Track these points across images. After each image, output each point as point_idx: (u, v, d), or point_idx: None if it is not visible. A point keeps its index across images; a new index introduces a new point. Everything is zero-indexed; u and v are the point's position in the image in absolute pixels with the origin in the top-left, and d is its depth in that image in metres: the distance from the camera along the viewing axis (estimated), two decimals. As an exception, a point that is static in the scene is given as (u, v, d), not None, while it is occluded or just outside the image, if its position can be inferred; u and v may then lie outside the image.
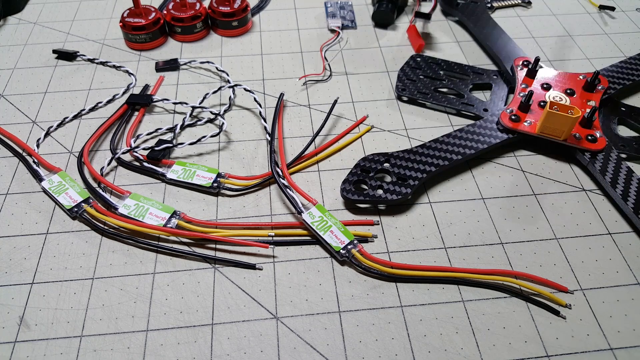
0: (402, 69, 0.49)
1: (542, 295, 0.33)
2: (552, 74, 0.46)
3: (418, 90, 0.47)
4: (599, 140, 0.40)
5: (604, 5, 0.59)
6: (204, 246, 0.36)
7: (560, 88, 0.45)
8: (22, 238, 0.37)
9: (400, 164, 0.39)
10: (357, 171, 0.39)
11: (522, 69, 0.46)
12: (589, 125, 0.41)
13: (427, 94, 0.46)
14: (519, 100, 0.43)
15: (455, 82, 0.48)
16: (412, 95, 0.46)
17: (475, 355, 0.31)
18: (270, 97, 0.48)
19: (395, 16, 0.57)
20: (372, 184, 0.38)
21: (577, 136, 0.41)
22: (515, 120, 0.42)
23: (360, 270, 0.35)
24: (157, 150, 0.41)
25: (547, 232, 0.37)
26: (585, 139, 0.41)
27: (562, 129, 0.40)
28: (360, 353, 0.31)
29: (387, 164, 0.39)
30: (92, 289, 0.34)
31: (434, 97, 0.46)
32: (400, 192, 0.37)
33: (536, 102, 0.43)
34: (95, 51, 0.53)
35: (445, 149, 0.40)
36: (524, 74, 0.46)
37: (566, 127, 0.39)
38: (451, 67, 0.49)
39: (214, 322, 0.32)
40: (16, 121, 0.45)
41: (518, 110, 0.42)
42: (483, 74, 0.48)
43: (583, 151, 0.40)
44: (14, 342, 0.31)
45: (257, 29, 0.56)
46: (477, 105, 0.45)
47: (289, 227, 0.37)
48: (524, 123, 0.42)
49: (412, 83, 0.47)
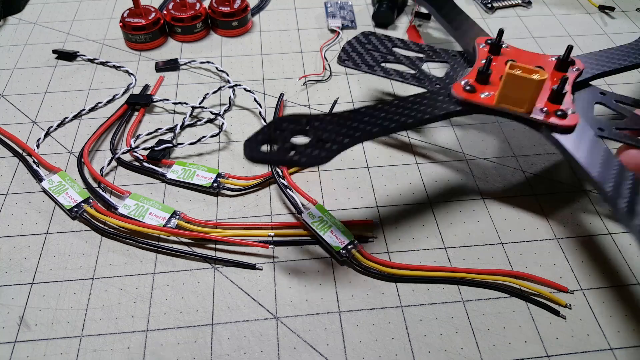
0: (349, 42, 0.43)
1: (542, 295, 0.33)
2: (518, 53, 0.39)
3: (364, 62, 0.41)
4: (570, 117, 0.33)
5: (604, 5, 0.59)
6: (204, 246, 0.36)
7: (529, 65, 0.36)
8: (22, 238, 0.37)
9: (324, 126, 0.32)
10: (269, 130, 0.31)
11: (485, 47, 0.40)
12: (558, 99, 0.34)
13: (374, 65, 0.41)
14: (476, 71, 0.36)
15: (409, 58, 0.42)
16: (355, 66, 0.41)
17: (475, 355, 0.31)
18: (270, 97, 0.48)
19: (395, 16, 0.57)
20: (285, 145, 0.31)
21: (544, 109, 0.34)
22: (470, 91, 0.35)
23: (360, 270, 0.35)
24: (157, 150, 0.41)
25: (547, 232, 0.37)
26: (553, 114, 0.34)
27: (524, 96, 0.33)
28: (360, 353, 0.31)
29: (308, 126, 0.32)
30: (92, 289, 0.34)
31: (381, 69, 0.41)
32: (316, 156, 0.30)
33: (497, 76, 0.36)
34: (95, 51, 0.53)
35: (382, 116, 0.34)
36: (487, 50, 0.39)
37: (529, 94, 0.33)
38: (407, 45, 0.43)
39: (214, 322, 0.32)
40: (16, 121, 0.45)
41: (475, 81, 0.36)
42: (442, 53, 0.42)
43: (550, 127, 0.34)
44: (13, 342, 0.31)
45: (257, 29, 0.56)
46: (430, 80, 0.39)
47: (289, 227, 0.37)
48: (480, 94, 0.35)
49: (358, 55, 0.42)
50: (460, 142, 0.43)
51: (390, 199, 0.39)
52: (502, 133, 0.44)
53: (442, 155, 0.43)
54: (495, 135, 0.44)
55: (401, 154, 0.42)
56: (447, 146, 0.43)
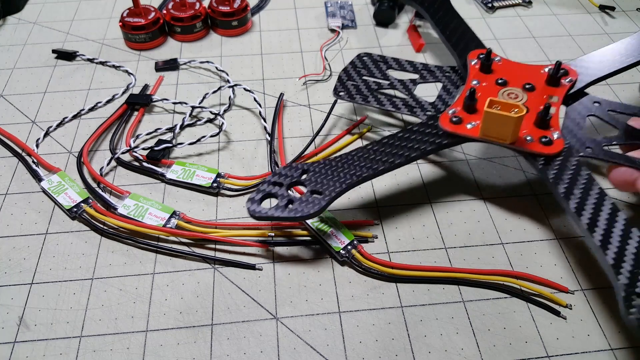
0: (345, 70, 0.43)
1: (542, 296, 0.33)
2: (510, 68, 0.39)
3: (358, 92, 0.41)
4: (555, 143, 0.34)
5: (604, 5, 0.59)
6: (204, 246, 0.36)
7: (518, 83, 0.38)
8: (21, 238, 0.37)
9: (318, 176, 0.34)
10: (266, 187, 0.33)
11: (477, 64, 0.40)
12: (544, 125, 0.35)
13: (367, 96, 0.41)
14: (462, 99, 0.37)
15: (403, 82, 0.42)
16: (350, 98, 0.41)
17: (476, 355, 0.31)
18: (270, 97, 0.48)
19: (396, 15, 0.56)
20: (280, 203, 0.32)
21: (529, 138, 0.34)
22: (456, 122, 0.35)
23: (360, 270, 0.35)
24: (156, 150, 0.41)
25: (548, 232, 0.37)
26: (538, 141, 0.34)
27: (506, 131, 0.33)
28: (360, 353, 0.31)
29: (304, 176, 0.34)
30: (92, 289, 0.34)
31: (375, 99, 0.41)
32: (309, 210, 0.32)
33: (484, 101, 0.35)
34: (95, 51, 0.53)
35: (372, 158, 0.35)
36: (478, 68, 0.39)
37: (509, 129, 0.33)
38: (402, 65, 0.43)
39: (213, 323, 0.32)
40: (15, 121, 0.45)
41: (462, 110, 0.36)
42: (435, 71, 0.43)
43: (535, 156, 0.34)
44: (13, 343, 0.31)
45: (257, 29, 0.56)
46: (423, 106, 0.40)
47: (289, 227, 0.37)
48: (467, 125, 0.35)
49: (353, 85, 0.42)
50: (461, 142, 0.43)
51: (390, 199, 0.39)
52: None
53: (442, 155, 0.42)
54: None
55: (401, 154, 0.42)
56: (447, 146, 0.43)
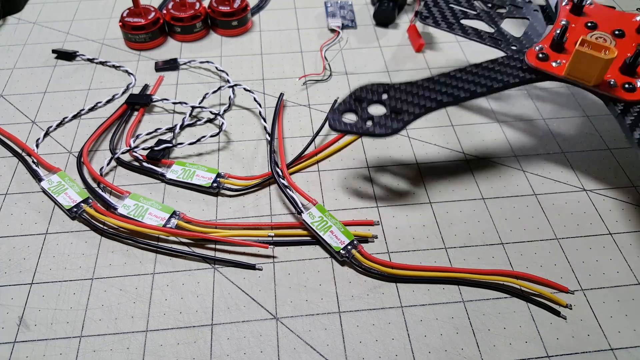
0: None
1: (542, 296, 0.33)
2: (601, 12, 0.39)
3: (444, 19, 0.42)
4: (638, 90, 0.34)
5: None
6: (204, 246, 0.36)
7: (608, 28, 0.38)
8: (21, 238, 0.37)
9: (399, 97, 0.35)
10: (350, 100, 0.35)
11: (568, 5, 0.40)
12: (631, 71, 0.35)
13: (453, 23, 0.41)
14: (552, 36, 0.37)
15: (489, 13, 0.42)
16: (435, 24, 0.41)
17: (476, 355, 0.31)
18: (270, 97, 0.48)
19: (396, 15, 0.56)
20: (363, 116, 0.34)
21: (612, 83, 0.35)
22: (542, 59, 0.36)
23: (360, 270, 0.35)
24: (156, 150, 0.41)
25: (548, 232, 0.37)
26: (621, 87, 0.34)
27: (592, 71, 0.34)
28: (360, 353, 0.31)
29: (385, 95, 0.35)
30: (92, 289, 0.34)
31: (460, 27, 0.41)
32: (390, 127, 0.34)
33: (572, 41, 0.37)
34: (95, 51, 0.53)
35: (453, 85, 0.35)
36: (568, 9, 0.40)
37: (596, 71, 0.34)
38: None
39: (213, 323, 0.32)
40: (15, 121, 0.45)
41: (549, 48, 0.37)
42: (522, 8, 0.42)
43: (615, 101, 0.34)
44: (13, 343, 0.31)
45: (257, 29, 0.56)
46: (507, 40, 0.40)
47: (288, 227, 0.37)
48: (552, 63, 0.36)
49: (439, 11, 0.42)
50: (461, 142, 0.43)
51: (390, 199, 0.39)
52: (503, 133, 0.44)
53: (442, 155, 0.42)
54: (496, 135, 0.44)
55: (401, 154, 0.42)
56: (448, 146, 0.43)
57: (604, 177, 0.41)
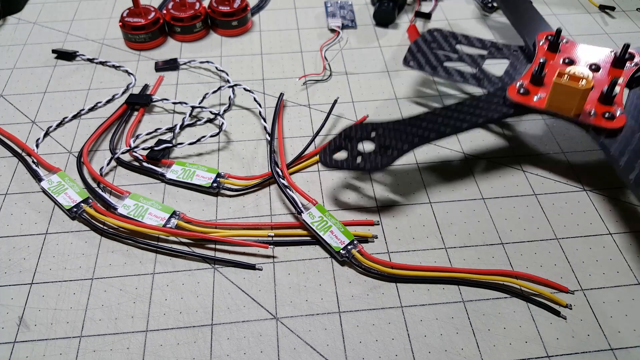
0: (416, 42, 0.45)
1: (542, 296, 0.33)
2: (577, 49, 0.41)
3: (427, 63, 0.43)
4: (618, 118, 0.35)
5: (604, 5, 0.59)
6: (204, 246, 0.36)
7: (585, 63, 0.40)
8: (21, 238, 0.37)
9: (387, 134, 0.36)
10: (339, 139, 0.37)
11: (545, 43, 0.42)
12: (608, 101, 0.36)
13: (436, 67, 0.43)
14: (531, 72, 0.39)
15: (471, 56, 0.44)
16: (419, 67, 0.43)
17: (476, 355, 0.31)
18: (270, 97, 0.48)
19: (396, 15, 0.56)
20: (353, 153, 0.36)
21: (593, 112, 0.36)
22: (524, 93, 0.38)
23: (360, 270, 0.35)
24: (156, 150, 0.41)
25: (548, 232, 0.37)
26: (601, 115, 0.36)
27: (571, 103, 0.35)
28: (360, 353, 0.31)
29: (373, 133, 0.37)
30: (92, 290, 0.34)
31: (444, 69, 0.42)
32: (378, 162, 0.35)
33: (551, 76, 0.38)
34: (95, 51, 0.53)
35: (439, 122, 0.37)
36: (546, 47, 0.42)
37: (575, 101, 0.35)
38: (471, 42, 0.45)
39: (213, 323, 0.32)
40: (15, 121, 0.45)
41: (530, 83, 0.38)
42: (502, 49, 0.44)
43: (597, 130, 0.35)
44: (13, 343, 0.31)
45: (257, 29, 0.56)
46: (490, 79, 0.41)
47: (288, 227, 0.37)
48: (533, 97, 0.37)
49: (423, 55, 0.44)
50: (461, 142, 0.43)
51: (390, 199, 0.39)
52: (503, 133, 0.44)
53: (442, 155, 0.42)
54: (496, 135, 0.44)
55: (401, 154, 0.42)
56: (448, 146, 0.43)
57: (604, 177, 0.41)
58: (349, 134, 0.37)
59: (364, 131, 0.37)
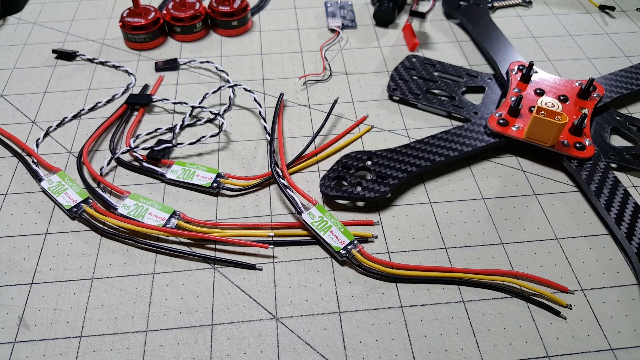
0: (396, 69, 0.49)
1: (542, 296, 0.33)
2: (546, 80, 0.45)
3: (410, 91, 0.46)
4: (588, 148, 0.40)
5: (604, 5, 0.59)
6: (204, 246, 0.36)
7: (554, 94, 0.44)
8: (21, 238, 0.37)
9: (382, 162, 0.39)
10: (338, 167, 0.39)
11: (517, 74, 0.46)
12: (578, 132, 0.40)
13: (419, 94, 0.46)
14: (509, 104, 0.42)
15: (448, 84, 0.47)
16: (403, 95, 0.46)
17: (476, 355, 0.31)
18: (270, 97, 0.48)
19: (396, 15, 0.56)
20: (352, 181, 0.38)
21: (565, 143, 0.40)
22: (503, 124, 0.41)
23: (360, 270, 0.35)
24: (156, 150, 0.41)
25: (548, 232, 0.37)
26: (573, 146, 0.40)
27: (548, 135, 0.39)
28: (360, 353, 0.31)
29: (369, 162, 0.39)
30: (92, 290, 0.34)
31: (425, 98, 0.46)
32: (378, 190, 0.37)
33: (527, 107, 0.42)
34: (95, 51, 0.53)
35: (429, 150, 0.40)
36: (518, 78, 0.45)
37: (553, 134, 0.39)
38: (446, 69, 0.49)
39: (213, 323, 0.32)
40: (15, 121, 0.45)
41: (507, 114, 0.42)
42: (477, 77, 0.48)
43: (570, 158, 0.40)
44: (13, 343, 0.31)
45: (257, 29, 0.56)
46: (468, 107, 0.45)
47: (289, 227, 0.37)
48: (512, 128, 0.41)
49: (405, 83, 0.47)
50: (461, 142, 0.43)
51: (390, 199, 0.39)
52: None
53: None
54: (496, 135, 0.44)
55: (401, 154, 0.42)
56: (447, 146, 0.43)
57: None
58: (346, 162, 0.39)
59: (360, 160, 0.39)
